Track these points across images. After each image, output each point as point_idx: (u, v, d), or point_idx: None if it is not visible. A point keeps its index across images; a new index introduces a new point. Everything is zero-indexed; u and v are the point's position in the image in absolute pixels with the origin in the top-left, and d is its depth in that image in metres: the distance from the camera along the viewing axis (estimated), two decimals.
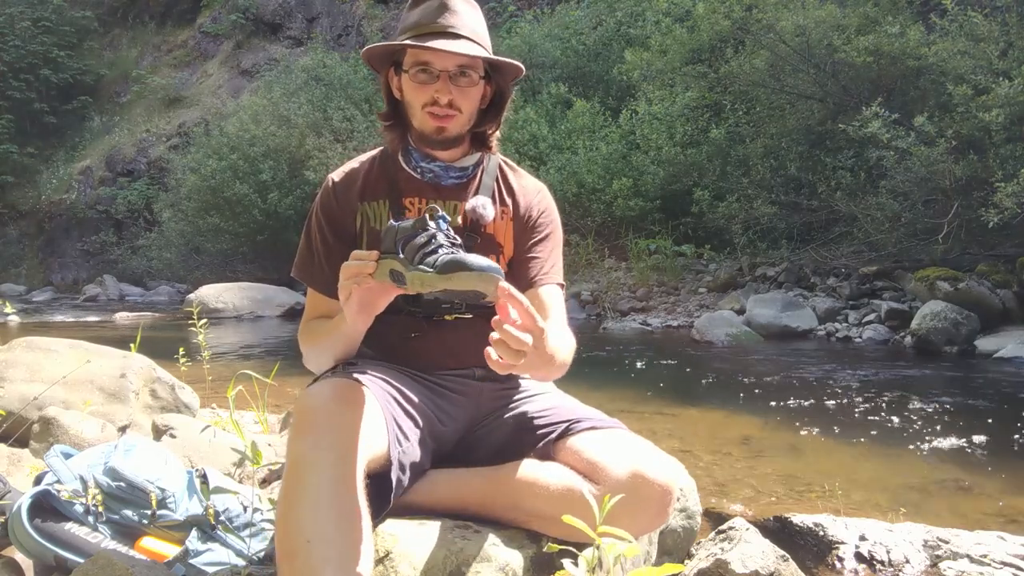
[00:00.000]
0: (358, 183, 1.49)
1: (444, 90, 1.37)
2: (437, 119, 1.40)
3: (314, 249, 1.49)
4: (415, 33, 1.38)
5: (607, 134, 10.91)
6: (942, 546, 1.91)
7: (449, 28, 1.36)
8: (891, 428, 3.61)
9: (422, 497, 1.33)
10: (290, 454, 1.13)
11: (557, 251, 1.56)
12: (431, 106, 1.39)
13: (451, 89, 1.37)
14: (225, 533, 1.50)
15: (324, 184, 1.52)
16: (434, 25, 1.36)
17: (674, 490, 1.28)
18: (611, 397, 4.37)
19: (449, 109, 1.39)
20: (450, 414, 1.43)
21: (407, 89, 1.42)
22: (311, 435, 1.12)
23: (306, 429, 1.13)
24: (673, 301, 8.83)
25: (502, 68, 1.46)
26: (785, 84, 8.87)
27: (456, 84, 1.38)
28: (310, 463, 1.09)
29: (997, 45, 6.65)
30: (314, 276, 1.49)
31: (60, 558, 1.43)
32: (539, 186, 1.59)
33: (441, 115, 1.39)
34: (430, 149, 1.46)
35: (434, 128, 1.41)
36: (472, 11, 1.42)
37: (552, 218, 1.56)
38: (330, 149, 12.73)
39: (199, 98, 20.68)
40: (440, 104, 1.38)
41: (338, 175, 1.52)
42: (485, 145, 1.52)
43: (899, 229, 7.39)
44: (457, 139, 1.45)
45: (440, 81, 1.37)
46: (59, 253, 20.25)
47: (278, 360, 3.68)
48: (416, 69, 1.38)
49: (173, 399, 2.77)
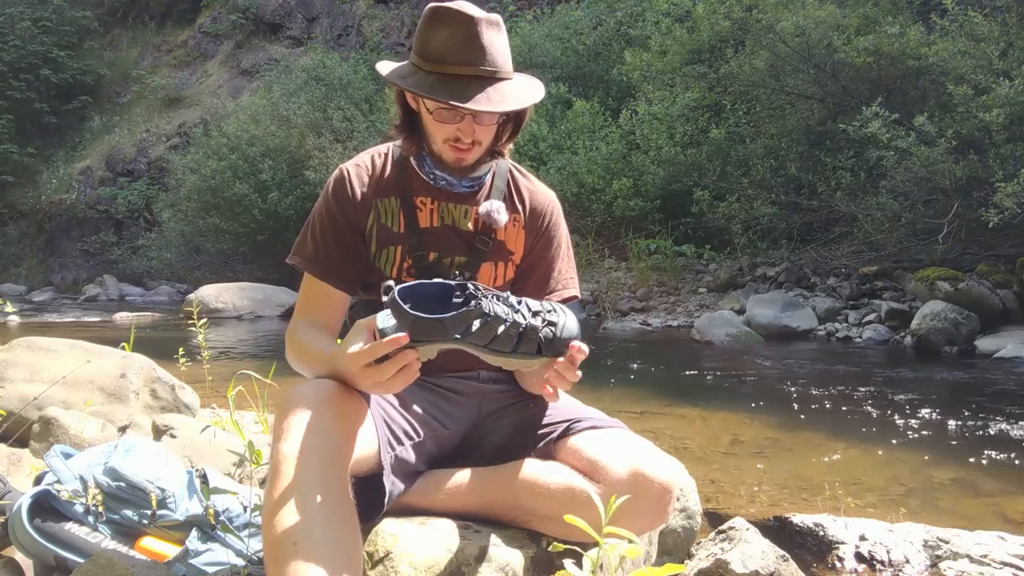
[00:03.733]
0: (373, 178, 1.45)
1: (468, 131, 1.34)
2: (458, 151, 1.37)
3: (323, 238, 1.43)
4: (438, 70, 1.29)
5: (607, 134, 10.90)
6: (942, 546, 1.91)
7: (480, 66, 1.28)
8: (891, 428, 3.60)
9: (422, 497, 1.33)
10: (274, 456, 1.11)
11: (570, 261, 1.55)
12: (453, 141, 1.36)
13: (475, 129, 1.34)
14: (225, 533, 1.50)
15: (337, 175, 1.46)
16: (461, 59, 1.28)
17: (674, 489, 1.28)
18: (611, 397, 4.37)
19: (471, 145, 1.36)
20: (453, 416, 1.42)
21: (427, 120, 1.38)
22: (295, 437, 1.10)
23: (290, 430, 1.11)
24: (673, 301, 8.83)
25: None
26: (785, 84, 8.88)
27: (479, 122, 1.34)
28: (294, 465, 1.08)
29: (997, 45, 6.65)
30: (322, 266, 1.42)
31: (60, 558, 1.43)
32: (549, 193, 1.57)
33: (463, 148, 1.37)
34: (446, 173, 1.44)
35: (454, 159, 1.39)
36: (498, 36, 1.32)
37: (562, 227, 1.55)
38: (330, 149, 12.73)
39: (199, 98, 20.67)
40: (463, 141, 1.35)
41: (352, 167, 1.47)
42: (498, 153, 1.49)
43: (899, 229, 7.39)
44: (475, 166, 1.43)
45: (464, 123, 1.33)
46: (59, 253, 20.24)
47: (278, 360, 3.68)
48: (439, 108, 1.32)
49: (173, 399, 2.77)
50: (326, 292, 1.42)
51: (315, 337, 1.35)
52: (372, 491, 1.22)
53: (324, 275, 1.42)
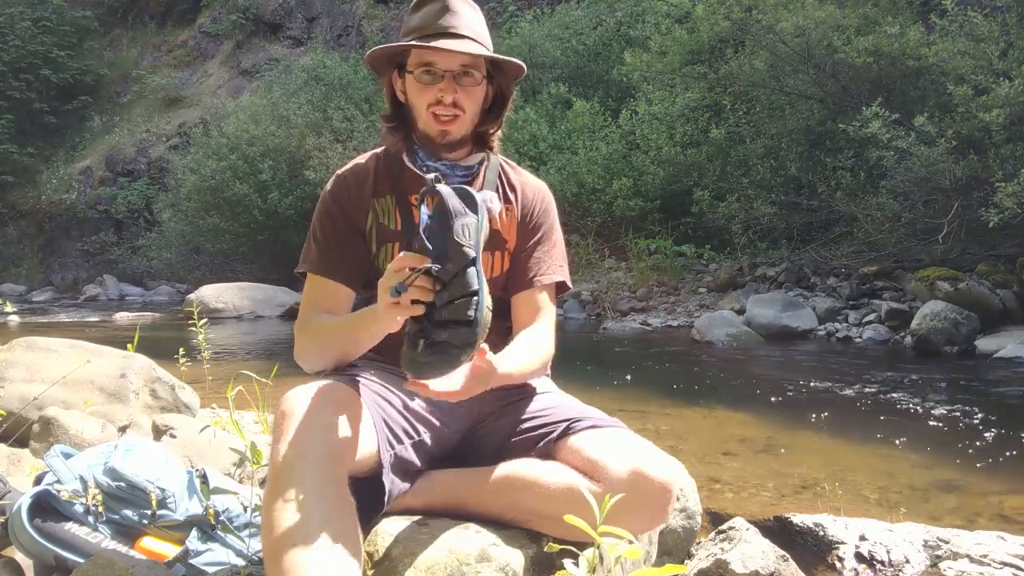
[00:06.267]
0: (369, 179, 1.50)
1: (448, 89, 1.39)
2: (441, 122, 1.42)
3: (325, 238, 1.47)
4: (418, 35, 1.41)
5: (607, 134, 10.91)
6: (942, 546, 1.91)
7: (451, 29, 1.39)
8: (891, 428, 3.60)
9: (422, 497, 1.33)
10: (273, 456, 1.12)
11: (558, 249, 1.58)
12: (435, 106, 1.41)
13: (455, 88, 1.40)
14: (225, 533, 1.50)
15: (334, 180, 1.52)
16: (436, 27, 1.39)
17: (674, 489, 1.28)
18: (611, 397, 4.37)
19: (454, 109, 1.41)
20: (452, 415, 1.43)
21: (411, 90, 1.44)
22: (293, 436, 1.11)
23: (288, 430, 1.12)
24: (673, 301, 8.83)
25: (504, 68, 1.48)
26: (785, 84, 8.88)
27: (460, 84, 1.40)
28: (293, 465, 1.08)
29: (997, 45, 6.65)
30: (327, 264, 1.46)
31: (60, 558, 1.43)
32: (540, 184, 1.62)
33: (445, 117, 1.41)
34: (435, 151, 1.47)
35: (438, 131, 1.43)
36: (473, 12, 1.45)
37: (552, 216, 1.59)
38: (330, 149, 12.72)
39: (199, 98, 20.68)
40: (444, 103, 1.40)
41: (347, 171, 1.53)
42: (487, 145, 1.55)
43: (899, 229, 7.39)
44: (461, 141, 1.48)
45: (444, 81, 1.39)
46: (59, 253, 20.25)
47: (278, 360, 3.68)
48: (420, 70, 1.40)
49: (173, 399, 2.77)
50: (333, 289, 1.46)
51: (330, 317, 1.41)
52: (372, 490, 1.22)
53: (330, 272, 1.46)
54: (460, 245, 1.11)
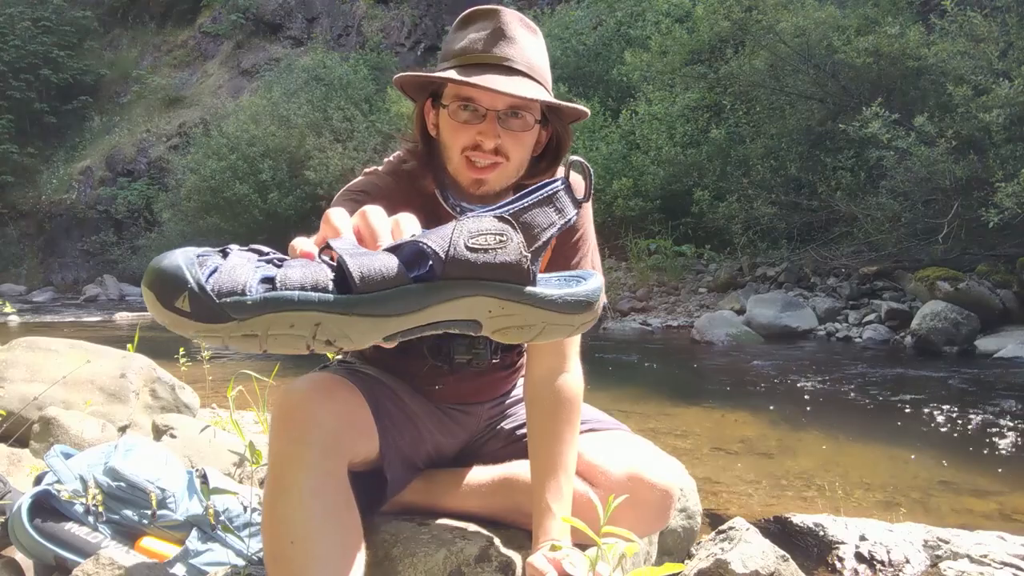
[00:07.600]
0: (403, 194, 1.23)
1: (490, 132, 1.13)
2: (476, 169, 1.16)
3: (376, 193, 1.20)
4: (460, 63, 1.13)
5: (607, 134, 10.91)
6: (942, 546, 1.91)
7: (504, 61, 1.12)
8: (891, 428, 3.61)
9: (422, 497, 1.33)
10: (271, 452, 1.09)
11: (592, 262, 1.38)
12: (472, 151, 1.15)
13: (498, 133, 1.13)
14: (225, 533, 1.50)
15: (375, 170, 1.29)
16: (485, 56, 1.12)
17: (674, 493, 1.27)
18: (611, 397, 4.37)
19: (495, 156, 1.15)
20: (452, 431, 1.40)
21: (444, 127, 1.17)
22: (292, 431, 1.08)
23: (287, 425, 1.09)
24: (673, 301, 8.83)
25: (562, 111, 1.21)
26: (785, 84, 8.88)
27: (505, 127, 1.14)
28: (292, 460, 1.06)
29: (997, 45, 6.65)
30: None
31: (60, 558, 1.43)
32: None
33: (482, 164, 1.15)
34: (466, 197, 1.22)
35: (471, 180, 1.17)
36: (533, 39, 1.17)
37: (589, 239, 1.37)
38: (330, 149, 12.73)
39: (199, 98, 20.68)
40: (484, 149, 1.14)
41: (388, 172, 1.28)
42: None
43: (899, 229, 7.40)
44: (500, 195, 1.19)
45: (486, 122, 1.13)
46: (59, 253, 20.25)
47: (278, 360, 3.68)
48: (457, 105, 1.14)
49: (173, 399, 2.77)
50: None
51: None
52: (373, 483, 1.21)
53: None
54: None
